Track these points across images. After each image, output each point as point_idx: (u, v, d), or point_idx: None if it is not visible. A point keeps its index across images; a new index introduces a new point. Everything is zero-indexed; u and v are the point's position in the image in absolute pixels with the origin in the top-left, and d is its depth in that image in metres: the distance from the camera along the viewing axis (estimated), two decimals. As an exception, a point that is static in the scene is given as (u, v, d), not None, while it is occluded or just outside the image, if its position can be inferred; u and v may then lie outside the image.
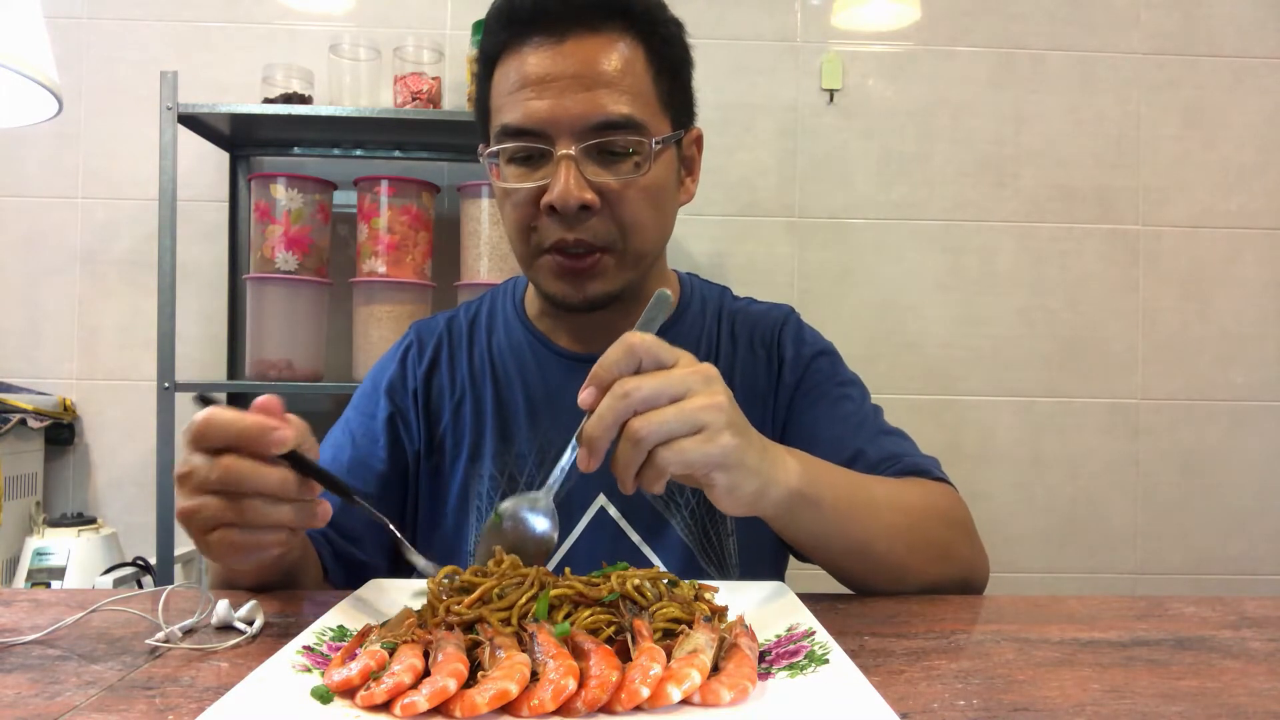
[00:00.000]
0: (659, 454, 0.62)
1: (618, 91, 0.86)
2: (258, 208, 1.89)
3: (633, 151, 0.87)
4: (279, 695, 0.48)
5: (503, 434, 0.98)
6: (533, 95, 0.86)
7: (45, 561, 1.82)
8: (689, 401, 0.62)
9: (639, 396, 0.61)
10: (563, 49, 0.86)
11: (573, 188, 0.85)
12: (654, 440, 0.61)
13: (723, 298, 1.07)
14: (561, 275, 0.90)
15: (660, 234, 0.95)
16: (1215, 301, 2.17)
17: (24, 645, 0.60)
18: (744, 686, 0.49)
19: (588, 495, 0.95)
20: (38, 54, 1.04)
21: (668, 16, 0.93)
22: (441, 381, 1.01)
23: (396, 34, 1.99)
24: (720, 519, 0.97)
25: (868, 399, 1.01)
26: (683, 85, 0.95)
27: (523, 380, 0.99)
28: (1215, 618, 0.71)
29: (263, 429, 0.60)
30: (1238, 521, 2.16)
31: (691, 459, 0.62)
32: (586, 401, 0.63)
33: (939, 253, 2.15)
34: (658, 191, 0.91)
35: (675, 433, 0.62)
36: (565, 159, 0.85)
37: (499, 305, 1.06)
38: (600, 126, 0.86)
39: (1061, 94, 2.16)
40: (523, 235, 0.91)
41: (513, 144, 0.88)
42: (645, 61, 0.89)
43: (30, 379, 2.06)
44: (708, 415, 0.63)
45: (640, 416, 0.61)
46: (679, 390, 0.62)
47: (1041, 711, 0.50)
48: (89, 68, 2.08)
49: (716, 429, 0.63)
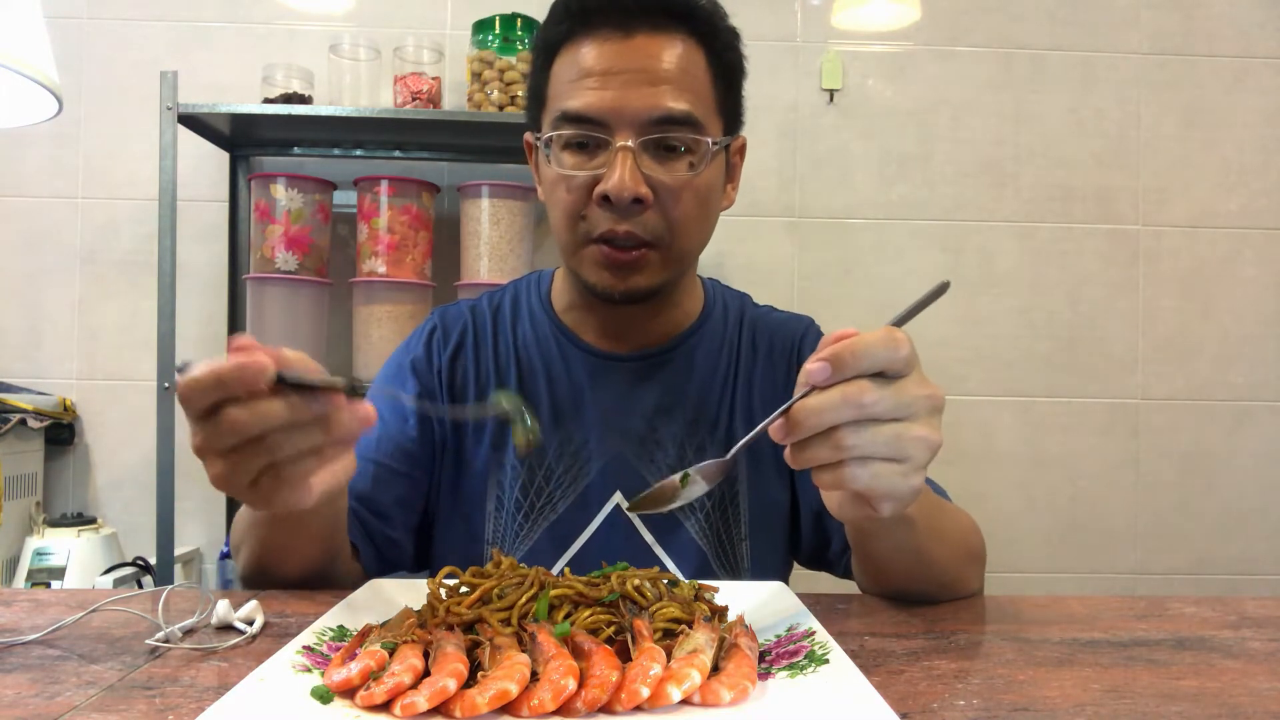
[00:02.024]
0: (852, 467, 0.58)
1: (679, 89, 0.87)
2: (258, 208, 1.89)
3: (688, 150, 0.88)
4: (279, 695, 0.48)
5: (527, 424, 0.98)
6: (596, 85, 0.86)
7: (45, 561, 1.83)
8: (908, 428, 0.59)
9: (870, 411, 0.57)
10: (630, 44, 0.87)
11: (628, 179, 0.85)
12: (855, 454, 0.58)
13: (744, 305, 1.08)
14: (606, 265, 0.90)
15: (704, 235, 0.95)
16: (1215, 301, 2.17)
17: (24, 645, 0.60)
18: (744, 686, 0.49)
19: (604, 491, 0.96)
20: (38, 54, 1.04)
21: (728, 25, 0.94)
22: (466, 367, 1.01)
23: (396, 34, 1.99)
24: (735, 524, 0.97)
25: None
26: (736, 92, 0.96)
27: (548, 374, 0.99)
28: (1215, 618, 0.71)
29: (240, 367, 0.56)
30: (1238, 521, 2.16)
31: (880, 487, 0.59)
32: (816, 376, 0.57)
33: (939, 253, 2.15)
34: (708, 193, 0.92)
35: (879, 455, 0.58)
36: (623, 150, 0.85)
37: (524, 298, 1.06)
38: (660, 121, 0.86)
39: (1061, 94, 2.16)
40: (570, 223, 0.91)
41: (571, 130, 0.88)
42: (706, 64, 0.90)
43: (30, 379, 2.06)
44: (918, 450, 0.59)
45: (855, 428, 0.57)
46: (906, 413, 0.59)
47: (1041, 711, 0.50)
48: (89, 68, 2.08)
49: (918, 466, 0.60)
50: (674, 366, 0.99)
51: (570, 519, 0.95)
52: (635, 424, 0.97)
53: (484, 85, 1.90)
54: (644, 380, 0.99)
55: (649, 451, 0.96)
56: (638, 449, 0.96)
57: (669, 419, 0.97)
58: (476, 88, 1.90)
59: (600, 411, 0.98)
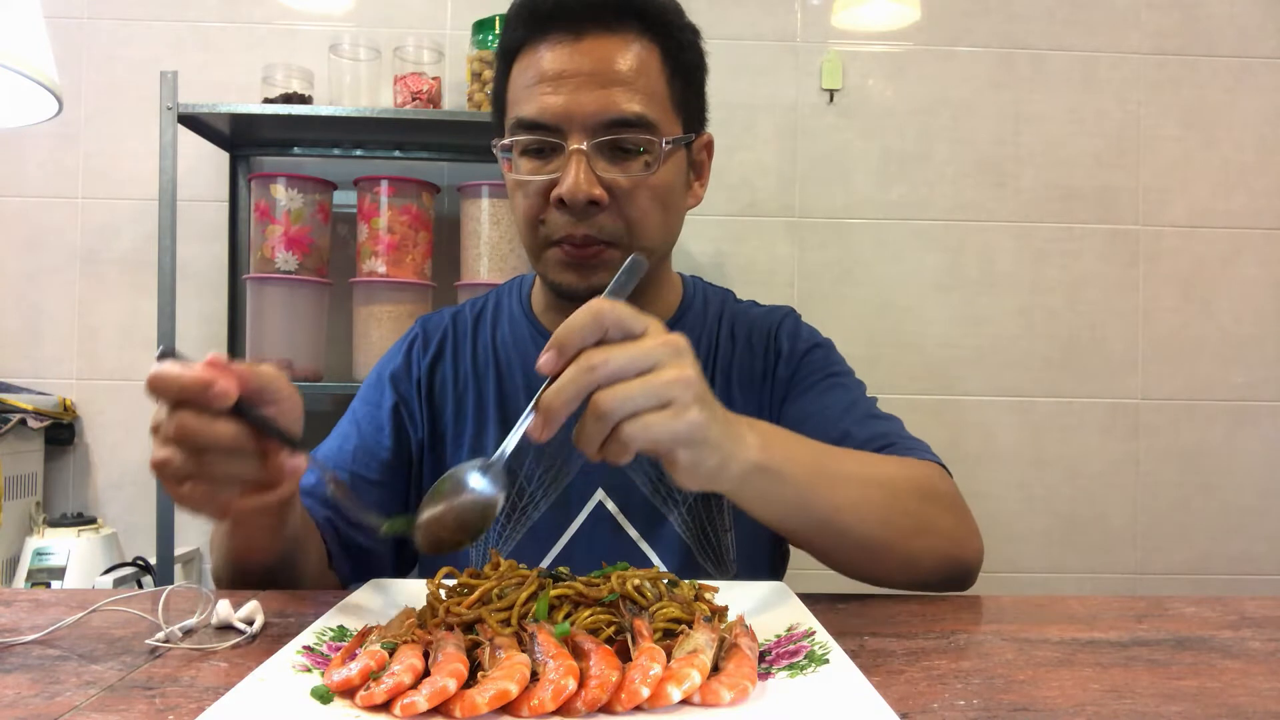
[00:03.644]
0: (624, 429, 0.59)
1: (631, 90, 0.87)
2: (258, 208, 1.89)
3: (643, 150, 0.89)
4: (279, 695, 0.48)
5: (505, 426, 0.99)
6: (548, 90, 0.87)
7: (45, 561, 1.83)
8: (657, 375, 0.60)
9: (605, 371, 0.59)
10: (580, 46, 0.87)
11: (582, 182, 0.86)
12: (620, 415, 0.59)
13: (725, 300, 1.08)
14: (568, 265, 0.91)
15: (666, 234, 0.96)
16: (1215, 301, 2.17)
17: (24, 645, 0.60)
18: (744, 686, 0.49)
19: (586, 489, 0.96)
20: (38, 54, 1.04)
21: (684, 22, 0.94)
22: (445, 373, 1.03)
23: (396, 34, 1.99)
24: (719, 515, 0.97)
25: (863, 389, 1.00)
26: (696, 90, 0.96)
27: (525, 373, 1.00)
28: (1215, 618, 0.71)
29: (203, 385, 0.59)
30: (1238, 521, 2.16)
31: (657, 435, 0.60)
32: (546, 367, 0.60)
33: (939, 253, 2.15)
34: (666, 192, 0.92)
35: (642, 407, 0.59)
36: (576, 154, 0.86)
37: (505, 301, 1.07)
38: (612, 124, 0.87)
39: (1061, 94, 2.16)
40: (531, 227, 0.92)
41: (526, 136, 0.89)
42: (660, 63, 0.90)
43: (30, 379, 2.06)
44: (675, 390, 0.60)
45: (606, 390, 0.59)
46: (647, 363, 0.60)
47: (1041, 711, 0.50)
48: (89, 68, 2.08)
49: (684, 404, 0.61)
50: None
51: (553, 518, 0.96)
52: None
53: (484, 85, 1.90)
54: None
55: None
56: None
57: None
58: (476, 88, 1.90)
59: (578, 410, 0.97)
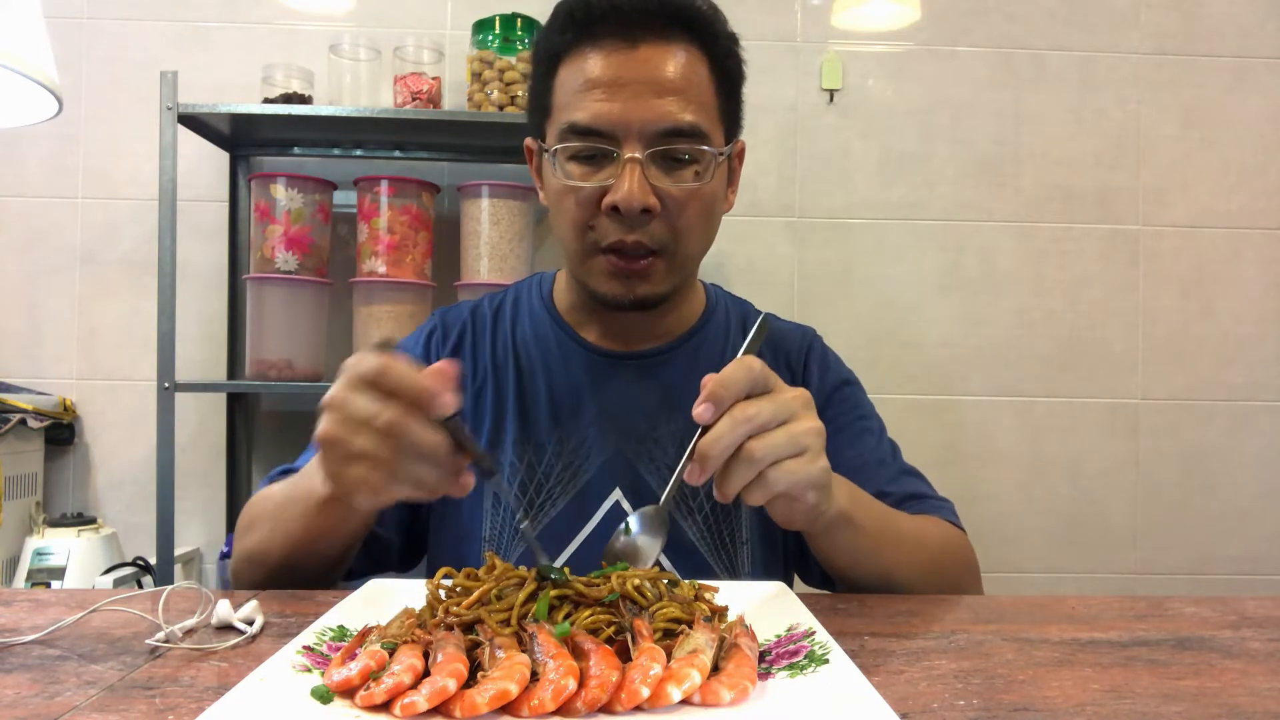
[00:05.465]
0: (769, 474, 0.66)
1: (685, 100, 0.88)
2: (258, 208, 1.89)
3: (693, 160, 0.89)
4: (279, 695, 0.48)
5: (523, 422, 0.98)
6: (603, 97, 0.87)
7: (45, 561, 1.83)
8: (795, 425, 0.67)
9: (759, 421, 0.66)
10: (636, 54, 0.87)
11: (637, 191, 0.86)
12: (767, 462, 0.66)
13: (746, 311, 1.10)
14: (615, 275, 0.92)
15: (707, 241, 0.97)
16: (1215, 301, 2.17)
17: (24, 645, 0.60)
18: (744, 686, 0.49)
19: (603, 489, 0.96)
20: (38, 54, 1.04)
21: (729, 31, 0.94)
22: (464, 366, 1.02)
23: (396, 34, 1.99)
24: (735, 527, 0.97)
25: (885, 433, 1.04)
26: (736, 98, 0.96)
27: (547, 371, 1.00)
28: (1215, 618, 0.71)
29: (432, 393, 0.63)
30: (1238, 521, 2.16)
31: (798, 479, 0.67)
32: (704, 417, 0.66)
33: (939, 253, 2.15)
34: (712, 200, 0.93)
35: (783, 455, 0.66)
36: (632, 162, 0.86)
37: (525, 297, 1.07)
38: (668, 133, 0.87)
39: (1061, 94, 2.16)
40: (579, 233, 0.92)
41: (579, 143, 0.89)
42: (708, 73, 0.91)
43: (30, 379, 2.06)
44: (810, 439, 0.68)
45: (757, 439, 0.66)
46: (787, 415, 0.67)
47: (1041, 711, 0.50)
48: (89, 68, 2.08)
49: (816, 452, 0.69)
50: (675, 366, 1.00)
51: (569, 516, 0.96)
52: (635, 422, 0.97)
53: (484, 85, 1.90)
54: (645, 379, 0.99)
55: (648, 450, 0.97)
56: (636, 447, 0.97)
57: (669, 417, 0.97)
58: (476, 88, 1.90)
59: (600, 409, 0.98)
